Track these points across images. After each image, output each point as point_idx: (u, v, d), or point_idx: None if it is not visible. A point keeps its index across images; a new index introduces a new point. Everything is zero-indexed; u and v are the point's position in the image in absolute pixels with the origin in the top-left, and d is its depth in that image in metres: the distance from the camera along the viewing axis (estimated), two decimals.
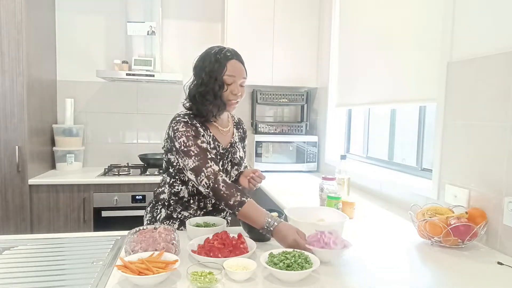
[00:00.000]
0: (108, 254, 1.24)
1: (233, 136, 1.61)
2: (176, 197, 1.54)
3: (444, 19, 1.69)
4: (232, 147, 1.57)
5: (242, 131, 1.69)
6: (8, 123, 2.52)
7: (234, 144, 1.59)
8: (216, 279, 0.99)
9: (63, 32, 3.14)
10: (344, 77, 2.84)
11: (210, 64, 1.44)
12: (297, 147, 3.16)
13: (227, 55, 1.45)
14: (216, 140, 1.52)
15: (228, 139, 1.58)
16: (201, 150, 1.38)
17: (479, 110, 1.48)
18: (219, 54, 1.45)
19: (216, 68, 1.43)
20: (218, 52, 1.46)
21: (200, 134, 1.44)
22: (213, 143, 1.50)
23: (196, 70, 1.49)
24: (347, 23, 2.80)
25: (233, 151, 1.57)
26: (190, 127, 1.43)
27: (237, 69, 1.46)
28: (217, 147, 1.51)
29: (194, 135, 1.41)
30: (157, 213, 1.57)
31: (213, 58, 1.44)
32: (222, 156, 1.53)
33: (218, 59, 1.44)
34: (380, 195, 2.23)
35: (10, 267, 1.15)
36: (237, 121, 1.70)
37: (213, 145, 1.49)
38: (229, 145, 1.57)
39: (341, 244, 1.18)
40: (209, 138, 1.49)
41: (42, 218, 2.64)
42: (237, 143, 1.62)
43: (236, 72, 1.45)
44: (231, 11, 3.07)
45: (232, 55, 1.46)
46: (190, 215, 1.54)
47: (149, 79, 2.98)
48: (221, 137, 1.54)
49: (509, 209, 1.33)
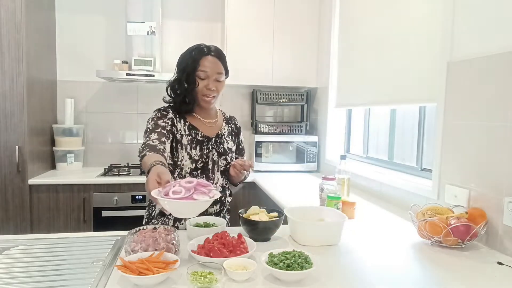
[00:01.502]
0: (108, 254, 1.24)
1: (221, 129, 1.67)
2: None
3: (444, 19, 1.69)
4: (218, 138, 1.63)
5: (234, 127, 1.74)
6: (8, 123, 2.52)
7: (221, 136, 1.64)
8: (216, 279, 0.99)
9: (63, 32, 3.14)
10: (344, 77, 2.84)
11: (184, 61, 1.55)
12: (297, 147, 3.16)
13: (203, 51, 1.53)
14: (194, 128, 1.58)
15: (215, 130, 1.64)
16: (155, 126, 1.49)
17: (479, 110, 1.48)
18: (194, 51, 1.53)
19: (189, 64, 1.52)
20: (194, 49, 1.54)
21: (166, 117, 1.53)
22: (188, 131, 1.56)
23: (176, 66, 1.59)
24: (347, 23, 2.80)
25: (219, 141, 1.62)
26: (159, 112, 1.56)
27: (211, 64, 1.52)
28: (195, 134, 1.57)
29: (159, 116, 1.53)
30: (152, 210, 1.61)
31: (188, 55, 1.54)
32: (201, 143, 1.57)
33: (192, 56, 1.52)
34: (380, 195, 2.23)
35: (10, 267, 1.15)
36: (228, 117, 1.76)
37: (187, 132, 1.56)
38: (215, 135, 1.62)
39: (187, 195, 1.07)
40: (183, 125, 1.56)
41: (42, 218, 2.64)
42: (225, 135, 1.67)
43: (209, 68, 1.52)
44: (231, 11, 3.07)
45: (208, 51, 1.53)
46: None
47: (149, 79, 2.98)
48: (203, 127, 1.61)
49: (509, 209, 1.33)
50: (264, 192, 2.52)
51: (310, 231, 1.35)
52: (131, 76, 2.91)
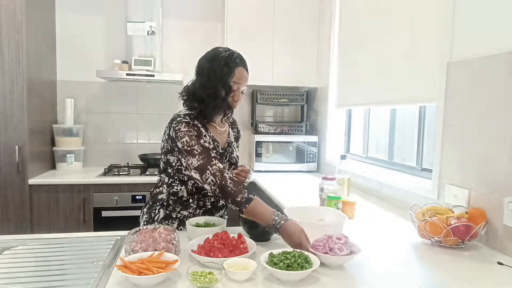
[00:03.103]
0: (108, 254, 1.24)
1: (229, 136, 1.62)
2: (175, 196, 1.54)
3: (444, 19, 1.69)
4: (229, 147, 1.59)
5: (236, 131, 1.71)
6: (8, 123, 2.52)
7: (230, 144, 1.60)
8: (216, 279, 0.99)
9: (63, 32, 3.14)
10: (344, 77, 2.84)
11: (219, 67, 1.43)
12: (297, 147, 3.16)
13: (236, 61, 1.46)
14: (216, 140, 1.53)
15: (225, 139, 1.59)
16: (204, 149, 1.38)
17: (479, 110, 1.48)
18: (229, 59, 1.45)
19: (225, 72, 1.43)
20: (228, 56, 1.45)
21: (202, 134, 1.45)
22: (213, 144, 1.50)
23: (203, 71, 1.47)
24: (347, 23, 2.80)
25: (230, 150, 1.59)
26: (192, 127, 1.43)
27: (243, 76, 1.47)
28: (217, 147, 1.52)
29: (197, 135, 1.42)
30: (155, 213, 1.57)
31: (223, 62, 1.44)
32: (221, 156, 1.54)
33: (227, 64, 1.44)
34: (380, 195, 2.23)
35: (10, 267, 1.15)
36: (231, 121, 1.70)
37: (213, 145, 1.50)
38: (226, 145, 1.58)
39: (348, 250, 1.17)
40: (209, 138, 1.50)
41: (42, 218, 2.64)
42: (233, 142, 1.63)
43: (241, 80, 1.47)
44: (231, 11, 3.07)
45: (240, 61, 1.47)
46: (190, 214, 1.55)
47: (149, 79, 2.98)
48: (219, 137, 1.55)
49: (509, 209, 1.33)
50: (264, 192, 2.52)
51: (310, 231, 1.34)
52: (131, 76, 2.91)
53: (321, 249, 1.18)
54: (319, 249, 1.17)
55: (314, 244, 1.21)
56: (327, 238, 1.21)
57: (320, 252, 1.16)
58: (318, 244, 1.20)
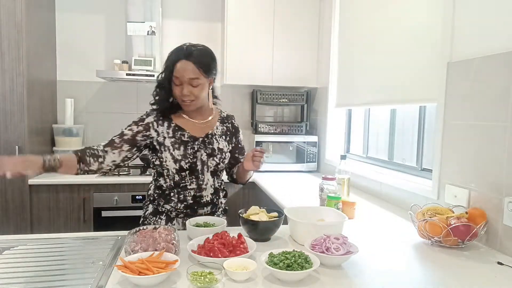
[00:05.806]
0: (108, 254, 1.24)
1: (213, 129, 1.62)
2: (159, 190, 1.59)
3: (444, 19, 1.69)
4: (207, 138, 1.58)
5: (230, 126, 1.69)
6: (8, 123, 2.52)
7: (212, 136, 1.60)
8: (216, 279, 0.99)
9: (63, 32, 3.14)
10: (344, 77, 2.83)
11: (165, 62, 1.50)
12: (297, 147, 3.16)
13: (178, 55, 1.47)
14: (180, 129, 1.55)
15: (206, 130, 1.60)
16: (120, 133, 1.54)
17: (479, 110, 1.48)
18: (172, 54, 1.49)
19: (167, 66, 1.49)
20: (173, 51, 1.49)
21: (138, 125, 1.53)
22: (172, 133, 1.54)
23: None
24: (347, 23, 2.80)
25: (207, 141, 1.58)
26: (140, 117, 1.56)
27: (181, 70, 1.46)
28: (180, 135, 1.55)
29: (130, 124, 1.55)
30: (146, 209, 1.63)
31: (168, 58, 1.50)
32: (185, 143, 1.54)
33: (169, 58, 1.49)
34: (380, 195, 2.23)
35: (10, 267, 1.15)
36: (224, 116, 1.70)
37: (172, 134, 1.54)
38: (204, 135, 1.58)
39: (345, 250, 1.17)
40: (166, 128, 1.54)
41: (42, 218, 2.64)
42: (217, 135, 1.62)
43: (180, 73, 1.46)
44: (231, 11, 3.07)
45: (180, 55, 1.46)
46: (172, 208, 1.57)
47: (149, 79, 2.98)
48: (190, 127, 1.57)
49: (509, 209, 1.33)
50: (264, 192, 2.52)
51: (310, 231, 1.34)
52: (131, 76, 2.91)
53: (318, 249, 1.18)
54: (316, 249, 1.18)
55: (312, 243, 1.21)
56: (325, 237, 1.21)
57: (316, 251, 1.16)
58: (316, 244, 1.20)
